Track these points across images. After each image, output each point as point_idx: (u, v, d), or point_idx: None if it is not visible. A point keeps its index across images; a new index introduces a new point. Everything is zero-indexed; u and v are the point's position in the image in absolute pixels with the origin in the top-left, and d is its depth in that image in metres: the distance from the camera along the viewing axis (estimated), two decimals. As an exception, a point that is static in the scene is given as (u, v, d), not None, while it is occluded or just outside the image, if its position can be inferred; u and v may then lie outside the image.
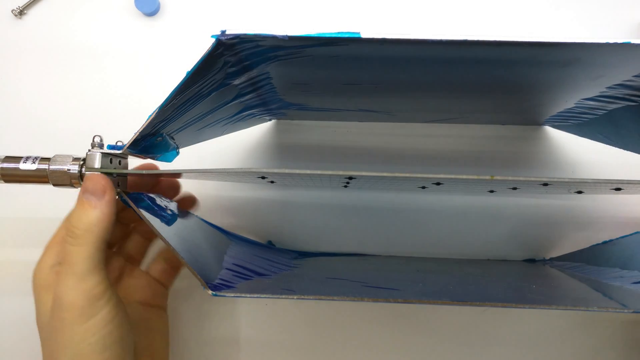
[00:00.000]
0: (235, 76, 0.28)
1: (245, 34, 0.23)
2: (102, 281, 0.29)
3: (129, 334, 0.31)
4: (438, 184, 0.30)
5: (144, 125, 0.28)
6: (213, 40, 0.23)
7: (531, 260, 0.42)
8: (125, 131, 0.32)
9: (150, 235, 0.37)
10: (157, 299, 0.37)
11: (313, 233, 0.43)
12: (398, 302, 0.27)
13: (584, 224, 0.42)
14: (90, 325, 0.28)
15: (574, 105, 0.33)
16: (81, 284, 0.28)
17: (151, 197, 0.32)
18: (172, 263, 0.38)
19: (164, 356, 0.36)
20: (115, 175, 0.31)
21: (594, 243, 0.41)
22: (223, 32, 0.23)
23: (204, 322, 0.43)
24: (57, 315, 0.28)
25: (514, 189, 0.33)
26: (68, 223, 0.28)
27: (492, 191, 0.37)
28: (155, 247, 0.40)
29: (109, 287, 0.29)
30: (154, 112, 0.27)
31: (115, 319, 0.29)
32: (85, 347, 0.28)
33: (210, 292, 0.27)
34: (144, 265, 0.39)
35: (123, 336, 0.30)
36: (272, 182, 0.35)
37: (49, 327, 0.29)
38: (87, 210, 0.28)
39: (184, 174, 0.31)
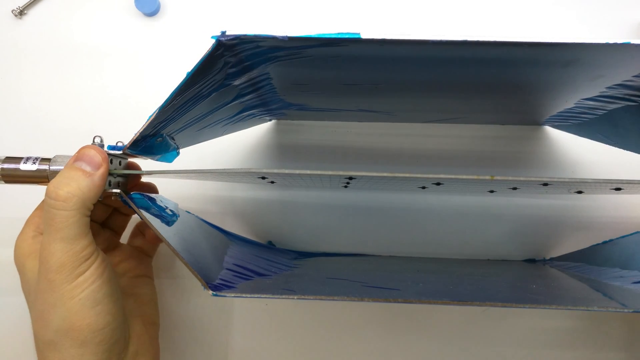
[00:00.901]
0: (235, 77, 0.28)
1: (245, 35, 0.23)
2: (90, 243, 0.29)
3: (118, 291, 0.31)
4: (438, 184, 0.30)
5: (144, 126, 0.28)
6: (213, 41, 0.23)
7: (531, 260, 0.42)
8: (126, 131, 0.32)
9: (129, 211, 0.38)
10: (141, 267, 0.38)
11: (313, 233, 0.43)
12: (398, 302, 0.27)
13: (584, 224, 0.42)
14: (79, 282, 0.28)
15: (574, 105, 0.33)
16: (71, 248, 0.28)
17: (151, 197, 0.33)
18: (148, 236, 0.39)
19: (154, 317, 0.37)
20: (115, 175, 0.31)
21: (594, 243, 0.41)
22: (223, 32, 0.23)
23: (203, 322, 0.43)
24: (45, 277, 0.28)
25: (514, 189, 0.33)
26: (51, 187, 0.28)
27: (492, 191, 0.37)
28: (134, 221, 0.40)
29: (96, 248, 0.30)
30: (154, 112, 0.27)
31: (103, 274, 0.29)
32: (75, 303, 0.28)
33: (210, 292, 0.27)
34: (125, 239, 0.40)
35: (113, 291, 0.30)
36: (272, 182, 0.35)
37: (36, 290, 0.29)
38: (79, 177, 0.28)
39: (184, 174, 0.31)
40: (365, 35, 0.22)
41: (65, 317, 0.28)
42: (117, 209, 0.38)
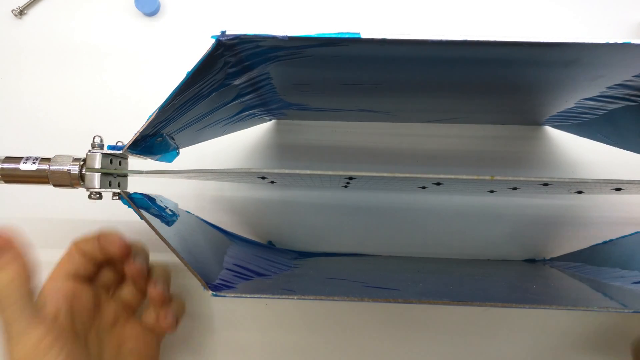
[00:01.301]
0: (235, 76, 0.28)
1: (245, 35, 0.23)
2: (49, 331, 0.28)
3: None
4: (438, 184, 0.30)
5: (144, 126, 0.28)
6: (213, 40, 0.23)
7: (531, 260, 0.42)
8: (126, 131, 0.32)
9: (144, 288, 0.36)
10: (149, 349, 0.36)
11: (313, 233, 0.43)
12: (398, 302, 0.27)
13: (584, 224, 0.42)
14: None
15: (574, 105, 0.33)
16: (26, 341, 0.27)
17: (151, 197, 0.33)
18: (161, 318, 0.37)
19: None
20: (115, 175, 0.31)
21: (594, 243, 0.41)
22: (223, 32, 0.23)
23: (203, 322, 0.43)
24: None
25: (514, 189, 0.33)
26: None
27: (492, 191, 0.37)
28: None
29: (62, 333, 0.29)
30: (154, 112, 0.27)
31: None
32: None
33: (210, 292, 0.27)
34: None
35: None
36: (272, 182, 0.35)
37: None
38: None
39: (184, 174, 0.31)
40: (365, 35, 0.22)
41: None
42: (133, 282, 0.36)
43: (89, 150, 0.30)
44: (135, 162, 0.36)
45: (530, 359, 0.42)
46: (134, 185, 0.35)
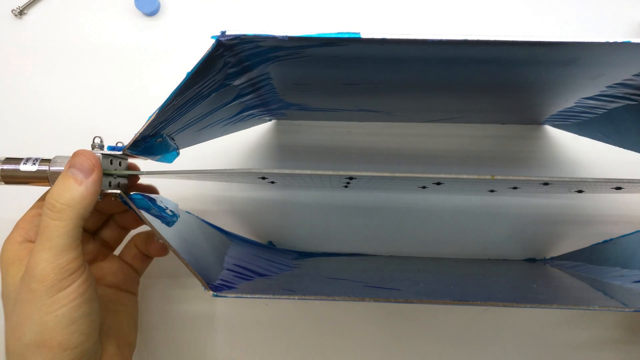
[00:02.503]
0: (235, 77, 0.28)
1: (245, 35, 0.23)
2: (78, 257, 0.28)
3: (97, 312, 0.30)
4: (438, 183, 0.30)
5: (144, 126, 0.28)
6: (213, 41, 0.23)
7: (532, 260, 0.42)
8: (126, 131, 0.32)
9: (128, 225, 0.37)
10: (128, 283, 0.37)
11: (313, 233, 0.43)
12: (399, 302, 0.27)
13: (584, 223, 0.42)
14: (59, 298, 0.28)
15: (574, 105, 0.33)
16: (57, 259, 0.27)
17: (152, 198, 0.33)
18: (143, 250, 0.38)
19: (131, 338, 0.36)
20: (115, 176, 0.31)
21: (595, 242, 0.41)
22: (223, 32, 0.23)
23: (203, 322, 0.43)
24: (27, 286, 0.28)
25: (515, 188, 0.33)
26: (49, 197, 0.28)
27: (492, 191, 0.37)
28: (130, 233, 0.39)
29: (84, 264, 0.29)
30: (154, 113, 0.27)
31: (85, 293, 0.29)
32: (51, 319, 0.28)
33: (211, 292, 0.27)
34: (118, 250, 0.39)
35: (91, 312, 0.29)
36: (272, 182, 0.35)
37: (15, 299, 0.29)
38: (72, 186, 0.28)
39: (184, 175, 0.31)
40: (365, 35, 0.22)
41: (38, 331, 0.28)
42: (114, 220, 0.37)
43: (89, 151, 0.30)
44: (135, 163, 0.36)
45: (530, 358, 0.42)
46: (134, 185, 0.35)
